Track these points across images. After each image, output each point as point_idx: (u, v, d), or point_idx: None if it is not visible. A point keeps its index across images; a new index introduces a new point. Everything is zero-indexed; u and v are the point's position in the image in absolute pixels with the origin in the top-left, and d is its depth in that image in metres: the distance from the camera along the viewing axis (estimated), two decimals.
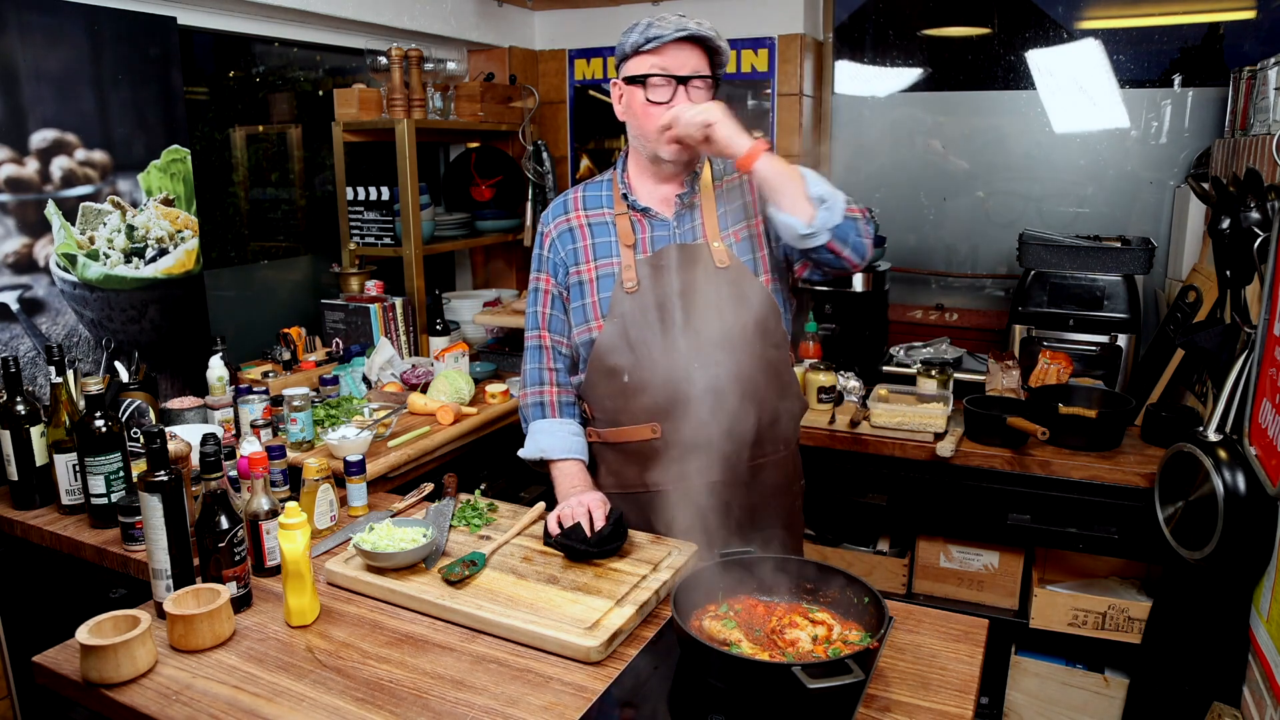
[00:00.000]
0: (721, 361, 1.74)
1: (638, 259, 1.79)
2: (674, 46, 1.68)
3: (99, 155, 2.34)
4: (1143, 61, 3.21)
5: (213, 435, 1.51)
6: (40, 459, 2.00)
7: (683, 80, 1.69)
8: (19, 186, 2.18)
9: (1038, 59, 3.30)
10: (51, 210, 2.24)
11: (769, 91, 3.38)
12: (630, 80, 1.74)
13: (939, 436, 2.53)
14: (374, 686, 1.32)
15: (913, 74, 3.55)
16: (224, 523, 1.50)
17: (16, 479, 2.00)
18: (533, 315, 1.93)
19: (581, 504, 1.71)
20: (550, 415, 1.91)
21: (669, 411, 1.77)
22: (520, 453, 1.93)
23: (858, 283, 3.03)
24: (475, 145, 3.63)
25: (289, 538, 1.46)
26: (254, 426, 2.27)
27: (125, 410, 2.14)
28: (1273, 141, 2.12)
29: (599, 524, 1.66)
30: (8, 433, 1.96)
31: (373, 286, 3.06)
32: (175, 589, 1.49)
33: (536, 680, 1.34)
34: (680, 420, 1.76)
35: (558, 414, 1.91)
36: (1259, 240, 1.93)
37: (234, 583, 1.51)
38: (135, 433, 2.04)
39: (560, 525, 1.68)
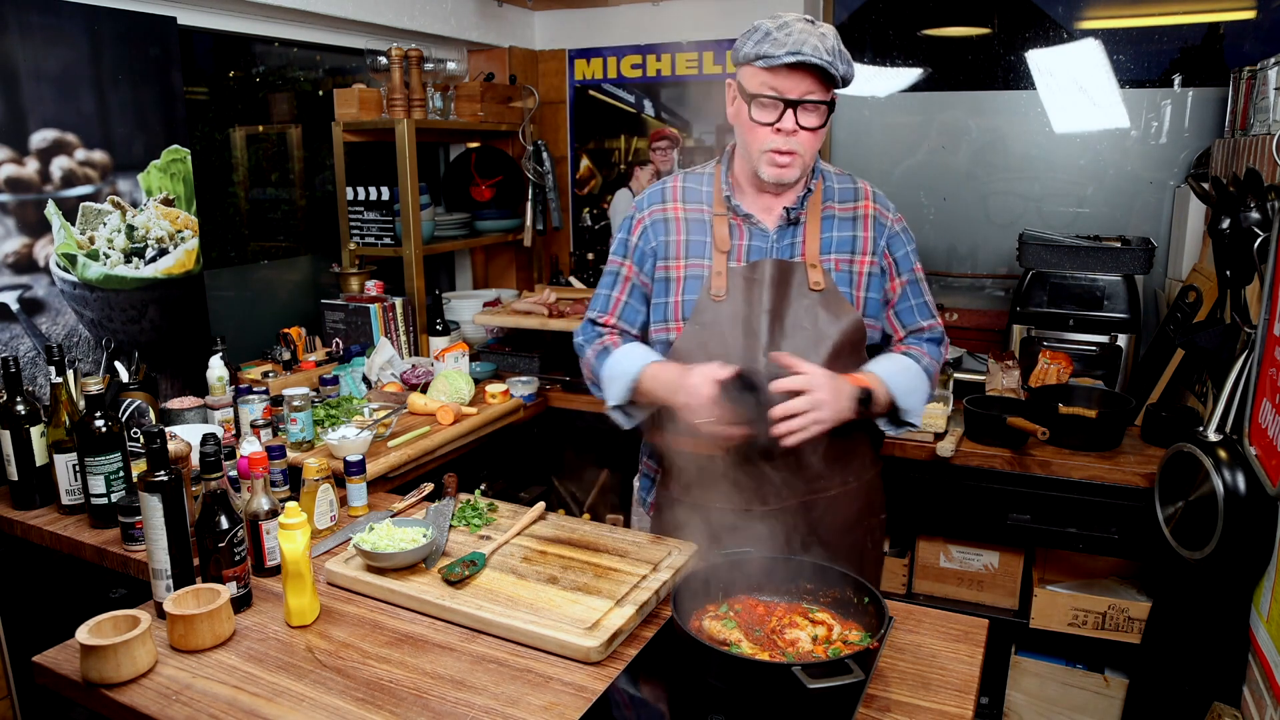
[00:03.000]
0: None
1: (730, 266, 1.70)
2: (787, 68, 1.56)
3: (99, 155, 2.34)
4: (1143, 61, 3.21)
5: (213, 435, 1.51)
6: (40, 459, 2.00)
7: (792, 103, 1.58)
8: (19, 186, 2.18)
9: (1038, 59, 3.30)
10: (51, 210, 2.24)
11: None
12: (742, 90, 1.64)
13: (939, 436, 2.53)
14: (374, 686, 1.32)
15: (913, 74, 3.55)
16: (224, 523, 1.50)
17: (16, 479, 2.00)
18: (602, 298, 1.82)
19: (703, 374, 1.53)
20: (614, 349, 1.76)
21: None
22: (608, 407, 1.77)
23: None
24: (475, 145, 3.63)
25: (289, 538, 1.46)
26: (254, 426, 2.27)
27: (125, 410, 2.14)
28: (1273, 141, 2.12)
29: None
30: (8, 433, 1.96)
31: (373, 286, 3.06)
32: (175, 589, 1.49)
33: (536, 680, 1.34)
34: (749, 443, 1.65)
35: (620, 345, 1.77)
36: (1259, 240, 1.93)
37: (234, 583, 1.51)
38: (135, 433, 2.04)
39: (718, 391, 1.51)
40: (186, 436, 2.04)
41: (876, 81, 3.58)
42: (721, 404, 1.52)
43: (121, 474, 1.90)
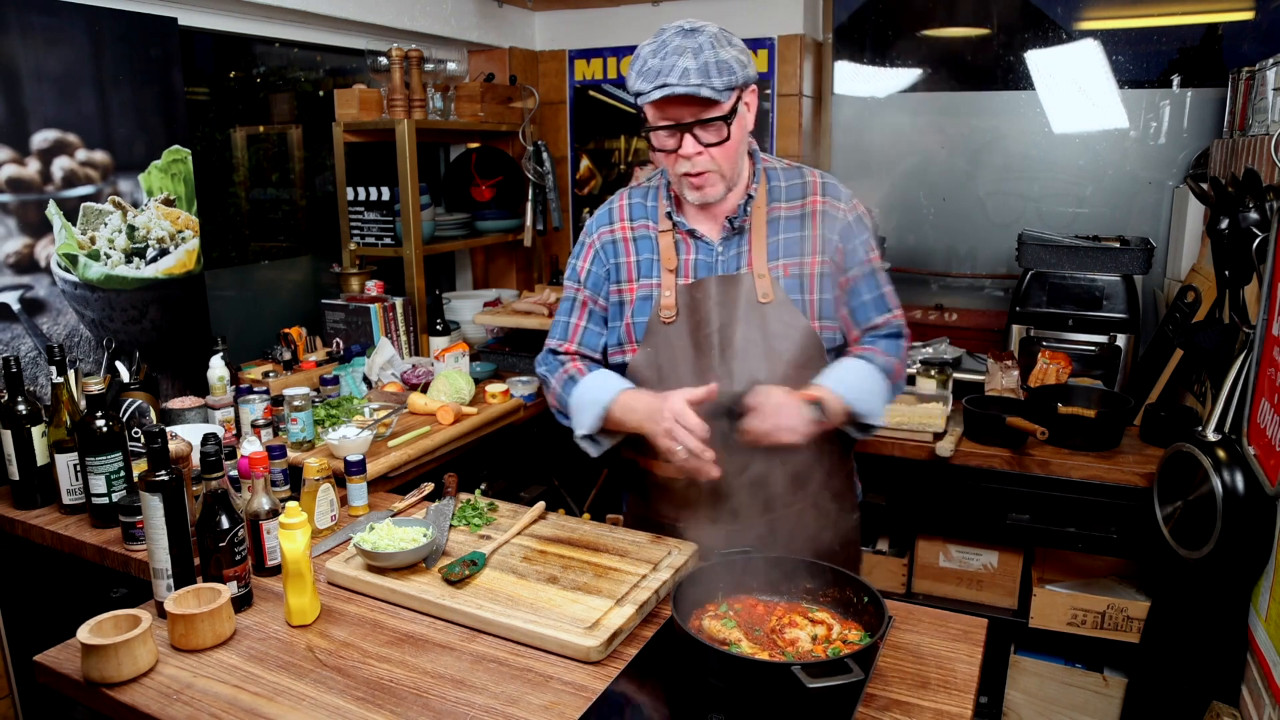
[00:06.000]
0: None
1: (678, 284, 1.66)
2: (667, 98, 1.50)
3: (100, 155, 2.34)
4: (1142, 62, 3.21)
5: (213, 435, 1.51)
6: (41, 459, 2.00)
7: (686, 127, 1.53)
8: (20, 187, 2.18)
9: (1037, 59, 3.30)
10: (53, 210, 2.25)
11: (769, 92, 3.38)
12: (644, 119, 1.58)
13: (938, 436, 2.54)
14: (374, 686, 1.33)
15: (913, 74, 3.56)
16: (224, 522, 1.50)
17: (18, 479, 2.00)
18: (561, 326, 1.78)
19: (680, 399, 1.52)
20: (581, 377, 1.72)
21: None
22: (577, 436, 1.73)
23: None
24: (475, 145, 3.63)
25: (289, 537, 1.46)
26: (254, 426, 2.28)
27: (126, 410, 2.15)
28: (1271, 142, 2.13)
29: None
30: (9, 432, 1.96)
31: (373, 286, 3.06)
32: (176, 588, 1.49)
33: (536, 680, 1.34)
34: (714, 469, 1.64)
35: (586, 373, 1.73)
36: (1257, 240, 1.94)
37: (235, 582, 1.52)
38: (136, 432, 2.04)
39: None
40: (187, 436, 2.04)
41: (876, 81, 3.59)
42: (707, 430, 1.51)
43: (122, 474, 1.90)
